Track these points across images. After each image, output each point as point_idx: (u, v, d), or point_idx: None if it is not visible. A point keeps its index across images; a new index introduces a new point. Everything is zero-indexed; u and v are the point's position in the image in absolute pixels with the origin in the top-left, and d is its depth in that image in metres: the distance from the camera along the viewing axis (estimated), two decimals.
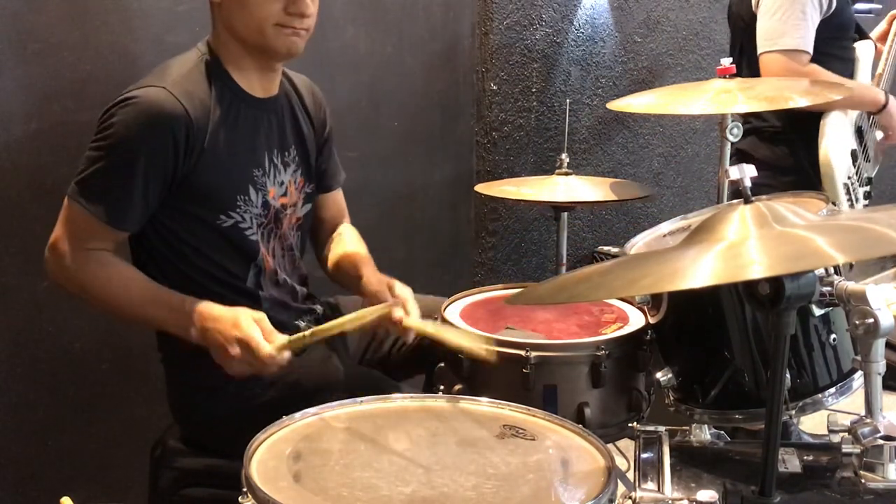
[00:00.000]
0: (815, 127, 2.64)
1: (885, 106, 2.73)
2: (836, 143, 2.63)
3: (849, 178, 2.67)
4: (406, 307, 1.67)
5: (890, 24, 2.93)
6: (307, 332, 1.55)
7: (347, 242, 2.01)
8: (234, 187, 1.73)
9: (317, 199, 1.96)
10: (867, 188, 2.80)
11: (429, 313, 1.93)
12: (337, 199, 2.06)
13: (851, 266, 1.80)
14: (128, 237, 1.73)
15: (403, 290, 1.74)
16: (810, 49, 2.58)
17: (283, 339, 1.57)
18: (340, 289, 2.00)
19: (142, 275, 1.70)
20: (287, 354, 1.57)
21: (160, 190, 1.67)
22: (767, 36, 2.60)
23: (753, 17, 2.66)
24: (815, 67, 2.58)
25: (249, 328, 1.56)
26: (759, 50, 2.61)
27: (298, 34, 1.72)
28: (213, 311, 1.61)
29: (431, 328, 1.66)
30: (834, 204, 2.56)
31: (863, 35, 2.83)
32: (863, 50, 2.80)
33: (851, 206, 2.67)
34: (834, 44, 2.67)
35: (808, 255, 1.08)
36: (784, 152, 2.73)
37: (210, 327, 1.59)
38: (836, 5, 2.63)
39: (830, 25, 2.63)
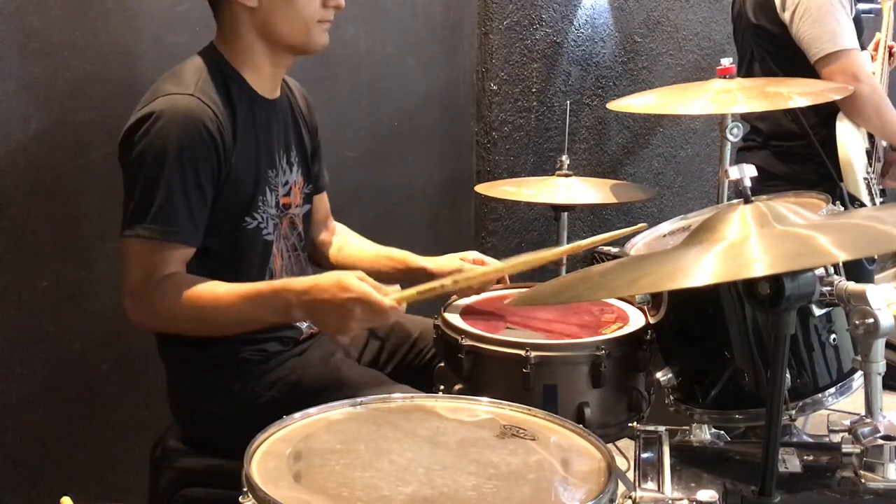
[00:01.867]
0: (832, 124, 2.67)
1: None
2: (852, 138, 2.67)
3: (867, 172, 2.70)
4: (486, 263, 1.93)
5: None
6: (438, 286, 1.59)
7: (360, 242, 2.07)
8: (256, 188, 1.73)
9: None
10: (882, 186, 2.83)
11: (428, 331, 1.94)
12: (324, 201, 2.08)
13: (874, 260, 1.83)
14: None
15: (473, 254, 1.96)
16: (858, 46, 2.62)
17: (397, 291, 1.57)
18: None
19: (219, 282, 1.64)
20: (405, 306, 1.58)
21: (211, 194, 1.64)
22: (826, 39, 2.59)
23: (779, 24, 2.66)
24: (876, 87, 2.63)
25: (360, 287, 1.54)
26: (817, 55, 2.60)
27: (328, 28, 1.76)
28: (309, 282, 1.59)
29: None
30: (855, 200, 2.60)
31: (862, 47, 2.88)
32: (864, 57, 2.85)
33: (872, 200, 2.70)
34: None
35: (810, 253, 1.08)
36: (801, 169, 2.76)
37: (317, 299, 1.55)
38: (854, 11, 2.67)
39: None
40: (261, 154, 1.75)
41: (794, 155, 2.79)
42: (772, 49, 2.71)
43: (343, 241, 2.08)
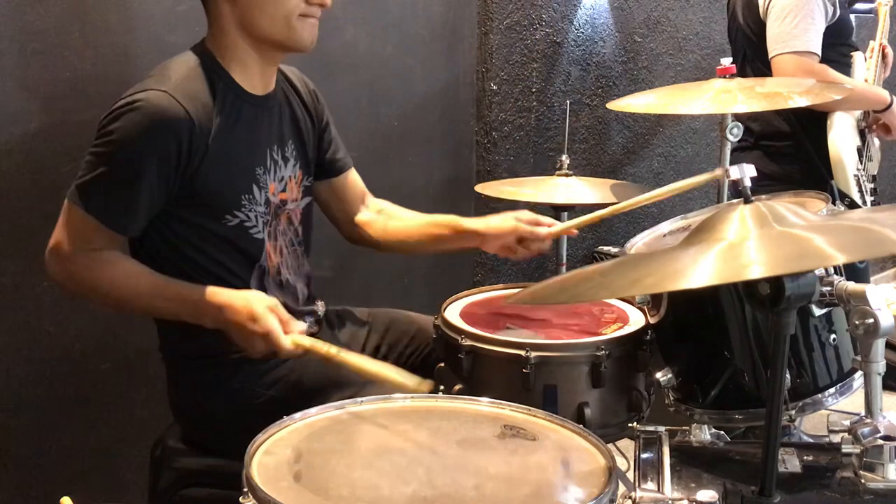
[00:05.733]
0: (823, 123, 2.72)
1: (889, 105, 2.79)
2: (843, 136, 2.70)
3: (858, 169, 2.73)
4: (542, 222, 1.92)
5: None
6: (331, 351, 1.57)
7: (406, 215, 2.07)
8: (239, 187, 1.74)
9: (329, 185, 1.99)
10: (873, 184, 2.85)
11: (426, 328, 1.94)
12: (355, 178, 2.07)
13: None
14: (128, 240, 1.73)
15: (527, 213, 1.93)
16: (819, 51, 2.65)
17: (301, 336, 1.60)
18: (343, 296, 2.00)
19: (147, 269, 1.69)
20: (301, 352, 1.60)
21: (163, 194, 1.66)
22: (779, 39, 2.66)
23: (761, 25, 2.71)
24: (825, 67, 2.65)
25: (267, 321, 1.58)
26: (771, 53, 2.68)
27: (316, 24, 1.74)
28: (225, 300, 1.62)
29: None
30: (845, 197, 2.62)
31: (854, 46, 2.90)
32: (857, 57, 2.88)
33: (862, 198, 2.71)
34: (833, 49, 2.75)
35: (809, 256, 1.08)
36: (791, 168, 2.78)
37: (228, 319, 1.61)
38: (839, 12, 2.69)
39: (831, 31, 2.71)
40: (244, 152, 1.75)
41: (785, 155, 2.82)
42: (760, 49, 2.73)
43: (387, 218, 2.06)
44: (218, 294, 1.64)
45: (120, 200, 1.64)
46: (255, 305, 1.60)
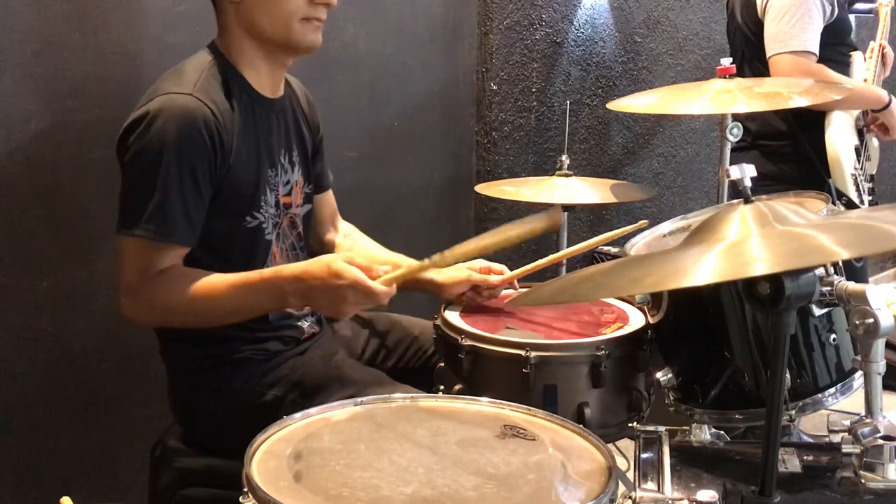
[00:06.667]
0: (820, 122, 2.72)
1: (888, 105, 2.79)
2: (840, 135, 2.71)
3: (855, 169, 2.73)
4: (494, 270, 1.91)
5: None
6: (425, 263, 1.57)
7: (370, 246, 2.05)
8: (258, 187, 1.73)
9: (314, 200, 1.97)
10: (871, 184, 2.86)
11: (426, 331, 1.94)
12: (330, 199, 2.08)
13: None
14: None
15: (480, 262, 1.90)
16: (817, 51, 2.66)
17: (387, 275, 1.58)
18: None
19: (214, 273, 1.64)
20: (394, 287, 1.58)
21: (209, 191, 1.64)
22: (777, 39, 2.67)
23: (759, 24, 2.72)
24: (823, 67, 2.66)
25: (351, 272, 1.54)
26: (769, 53, 2.69)
27: (320, 27, 1.74)
28: (300, 268, 1.60)
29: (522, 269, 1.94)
30: (842, 196, 2.63)
31: (853, 46, 2.91)
32: (856, 56, 2.89)
33: (860, 197, 2.72)
34: (832, 48, 2.76)
35: (811, 252, 1.08)
36: (789, 168, 2.79)
37: (310, 286, 1.57)
38: (837, 12, 2.69)
39: (829, 31, 2.72)
40: (261, 153, 1.75)
41: (782, 154, 2.82)
42: (758, 49, 2.74)
43: (353, 243, 2.07)
44: (288, 267, 1.63)
45: (171, 210, 1.60)
46: (333, 261, 1.57)
